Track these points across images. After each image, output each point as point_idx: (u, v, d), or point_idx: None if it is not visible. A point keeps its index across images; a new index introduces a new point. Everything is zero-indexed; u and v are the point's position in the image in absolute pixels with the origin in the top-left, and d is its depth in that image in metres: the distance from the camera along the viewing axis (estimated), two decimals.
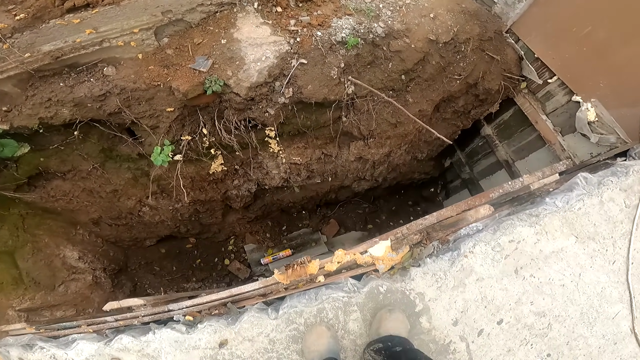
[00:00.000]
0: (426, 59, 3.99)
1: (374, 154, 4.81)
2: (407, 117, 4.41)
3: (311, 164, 4.74)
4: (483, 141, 5.83)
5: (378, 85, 3.93)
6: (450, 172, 7.08)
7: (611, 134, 3.50)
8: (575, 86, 3.89)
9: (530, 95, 4.59)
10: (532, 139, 4.84)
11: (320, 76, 3.48)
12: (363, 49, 3.60)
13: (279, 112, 3.55)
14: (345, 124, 4.20)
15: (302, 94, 3.48)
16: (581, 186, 2.82)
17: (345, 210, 6.87)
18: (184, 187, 4.19)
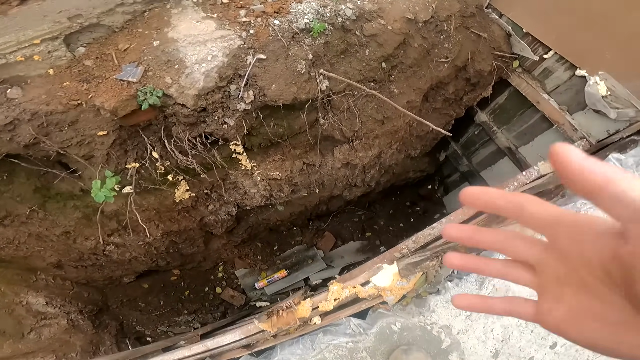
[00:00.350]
0: (407, 41, 3.32)
1: (363, 158, 4.09)
2: (395, 110, 3.72)
3: (293, 177, 4.03)
4: (479, 129, 5.18)
5: (356, 77, 3.24)
6: (446, 167, 6.41)
7: (628, 107, 3.06)
8: (576, 59, 3.36)
9: (526, 74, 4.01)
10: (535, 121, 4.22)
11: (285, 72, 2.78)
12: (332, 35, 2.92)
13: (241, 122, 2.84)
14: (324, 126, 3.49)
15: (266, 96, 2.78)
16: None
17: (339, 221, 6.22)
18: (150, 219, 3.49)
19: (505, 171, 5.02)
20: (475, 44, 3.77)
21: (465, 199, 0.48)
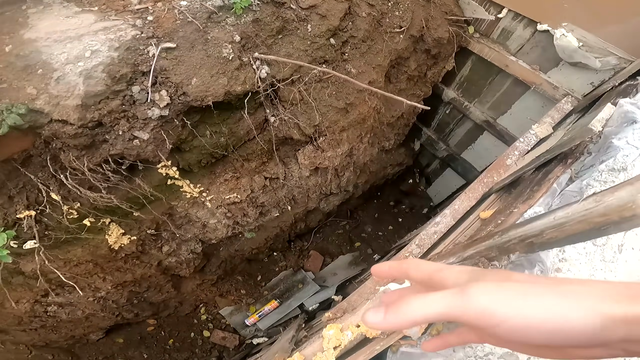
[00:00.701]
0: (353, 10, 2.67)
1: (332, 158, 3.33)
2: (358, 94, 3.03)
3: (256, 196, 3.22)
4: (449, 108, 4.60)
5: (302, 59, 2.52)
6: (423, 156, 5.77)
7: (607, 56, 2.79)
8: (533, 14, 3.02)
9: (485, 39, 3.55)
10: (509, 87, 3.75)
11: (207, 61, 2.03)
12: (262, 11, 2.22)
13: (161, 134, 2.04)
14: (276, 125, 2.74)
15: (188, 95, 2.01)
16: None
17: (323, 236, 5.42)
18: (89, 273, 2.78)
19: (487, 147, 4.49)
20: (426, 9, 3.23)
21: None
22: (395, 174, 5.39)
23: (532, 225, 1.02)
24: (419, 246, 2.17)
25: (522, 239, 1.00)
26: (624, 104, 2.01)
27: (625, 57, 2.69)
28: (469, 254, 1.26)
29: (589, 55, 2.83)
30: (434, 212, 5.83)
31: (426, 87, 4.05)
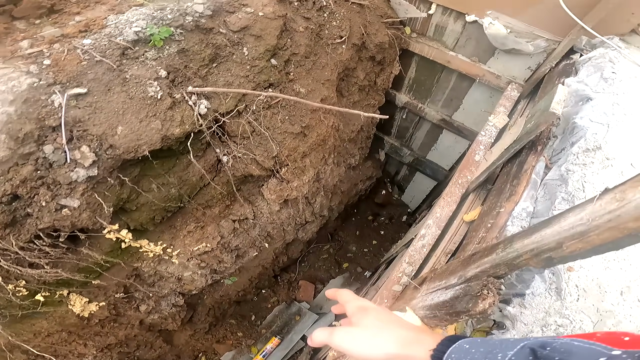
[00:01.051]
0: (289, 26, 2.49)
1: (299, 187, 3.10)
2: (313, 114, 2.82)
3: (227, 241, 2.92)
4: (405, 112, 4.53)
5: (246, 86, 2.30)
6: (390, 165, 5.67)
7: (535, 39, 2.81)
8: (458, 5, 3.03)
9: (423, 38, 3.51)
10: (455, 83, 3.74)
11: (129, 105, 1.75)
12: (188, 41, 1.98)
13: (94, 198, 1.72)
14: (231, 164, 2.46)
15: (116, 148, 1.71)
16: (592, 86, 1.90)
17: (308, 264, 5.18)
18: (66, 342, 2.45)
19: (449, 145, 4.42)
20: (362, 15, 3.09)
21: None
22: (367, 188, 5.21)
23: (542, 235, 0.82)
24: (410, 264, 1.98)
25: (535, 254, 0.81)
26: (571, 84, 2.00)
27: (552, 38, 2.70)
28: (473, 273, 1.05)
29: (520, 41, 2.83)
30: (412, 218, 5.71)
31: (379, 96, 3.90)
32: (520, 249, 0.88)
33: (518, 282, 1.18)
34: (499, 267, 0.95)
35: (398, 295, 1.83)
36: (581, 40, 2.51)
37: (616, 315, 1.16)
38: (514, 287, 1.19)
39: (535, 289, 1.20)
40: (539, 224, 0.87)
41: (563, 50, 2.63)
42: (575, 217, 0.74)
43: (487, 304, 0.93)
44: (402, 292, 1.83)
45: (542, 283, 1.21)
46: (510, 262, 0.90)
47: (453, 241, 1.99)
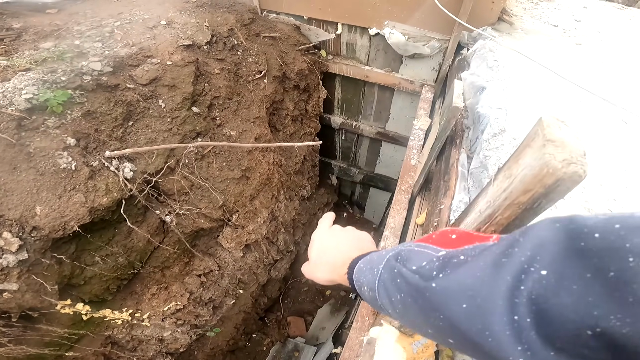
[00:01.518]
0: (203, 70, 2.46)
1: (256, 230, 3.00)
2: (250, 155, 2.76)
3: (198, 296, 2.75)
4: (342, 133, 4.62)
5: (171, 140, 2.21)
6: (344, 186, 5.70)
7: (429, 40, 2.99)
8: (359, 21, 3.15)
9: (339, 58, 3.63)
10: (379, 95, 3.87)
11: (42, 181, 1.61)
12: (92, 102, 1.87)
13: (32, 280, 1.55)
14: (176, 223, 2.33)
15: (41, 229, 1.57)
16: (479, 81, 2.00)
17: (291, 299, 5.02)
18: None
19: (391, 155, 4.53)
20: (276, 47, 3.14)
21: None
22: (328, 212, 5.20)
23: (465, 224, 0.82)
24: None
25: None
26: (467, 77, 2.12)
27: (442, 37, 2.88)
28: None
29: (418, 45, 3.00)
30: (379, 232, 5.72)
31: (313, 122, 3.93)
32: None
33: None
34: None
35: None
36: (464, 35, 2.69)
37: None
38: None
39: None
40: (462, 213, 0.86)
41: (453, 47, 2.81)
42: (484, 201, 0.73)
43: None
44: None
45: None
46: None
47: None
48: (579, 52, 2.36)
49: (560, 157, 0.51)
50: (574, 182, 0.51)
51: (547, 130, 0.54)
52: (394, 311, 0.53)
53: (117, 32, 2.20)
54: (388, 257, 0.56)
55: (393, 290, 0.51)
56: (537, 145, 0.55)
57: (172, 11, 2.54)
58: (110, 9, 2.58)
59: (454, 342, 0.43)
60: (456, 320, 0.40)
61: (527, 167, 0.57)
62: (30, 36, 2.09)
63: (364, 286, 0.60)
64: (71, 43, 2.02)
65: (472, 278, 0.39)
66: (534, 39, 2.48)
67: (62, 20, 2.32)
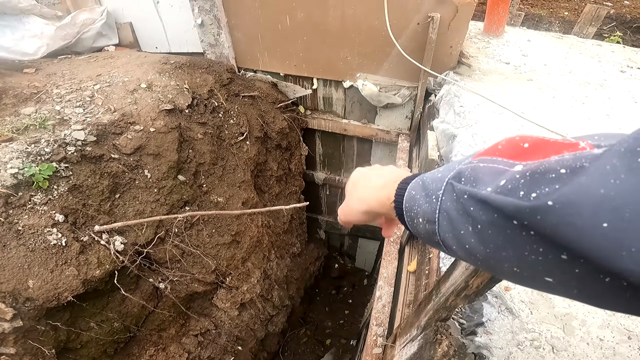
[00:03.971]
0: (187, 136, 2.55)
1: (250, 290, 3.00)
2: (239, 220, 2.81)
3: (196, 355, 2.72)
4: (327, 188, 4.71)
5: (159, 211, 2.26)
6: (333, 239, 5.74)
7: (400, 89, 3.14)
8: (333, 75, 3.32)
9: (317, 113, 3.78)
10: (358, 147, 4.01)
11: (33, 257, 1.63)
12: (78, 175, 1.92)
13: (29, 344, 1.56)
14: (170, 289, 2.32)
15: (35, 300, 1.59)
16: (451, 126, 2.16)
17: (291, 352, 4.90)
18: None
19: None
20: (255, 106, 3.28)
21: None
22: (319, 268, 5.16)
23: (454, 277, 0.88)
24: (379, 325, 1.97)
25: (456, 294, 0.87)
26: (438, 125, 2.24)
27: (410, 85, 3.03)
28: (424, 322, 1.07)
29: (389, 95, 3.14)
30: (372, 279, 5.69)
31: (297, 181, 4.02)
32: (445, 292, 0.93)
33: (472, 312, 1.22)
34: (440, 311, 0.98)
35: (380, 356, 1.77)
36: (430, 81, 2.84)
37: (576, 315, 1.23)
38: (471, 319, 1.22)
39: (489, 315, 1.24)
40: (450, 266, 0.94)
41: (422, 94, 2.95)
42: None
43: (445, 347, 0.94)
44: (384, 353, 1.78)
45: (491, 308, 1.25)
46: (445, 306, 0.94)
47: (408, 292, 2.02)
48: (531, 88, 2.55)
49: None
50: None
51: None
52: (460, 248, 0.44)
53: (98, 96, 2.26)
54: (447, 179, 0.47)
55: (462, 221, 0.43)
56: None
57: (151, 73, 2.62)
58: (88, 70, 2.63)
59: (577, 283, 0.34)
60: (591, 247, 0.31)
61: None
62: (10, 99, 2.12)
63: (418, 217, 0.51)
64: (52, 108, 2.07)
65: (606, 188, 0.31)
66: (491, 80, 2.65)
67: (41, 81, 2.36)
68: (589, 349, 1.14)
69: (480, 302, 1.27)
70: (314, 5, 2.89)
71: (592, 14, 4.41)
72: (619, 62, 3.18)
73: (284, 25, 3.09)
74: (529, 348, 1.15)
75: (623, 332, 1.19)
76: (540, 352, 1.13)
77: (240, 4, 3.06)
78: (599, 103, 2.47)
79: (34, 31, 2.86)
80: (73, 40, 3.02)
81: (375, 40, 2.90)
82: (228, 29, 3.23)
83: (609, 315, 1.23)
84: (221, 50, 3.29)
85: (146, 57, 2.90)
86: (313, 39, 3.10)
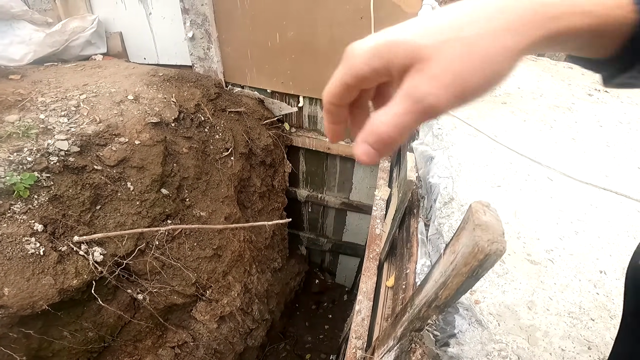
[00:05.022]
0: (172, 149, 2.56)
1: (230, 303, 2.99)
2: (221, 234, 2.82)
3: None
4: (309, 205, 4.76)
5: (140, 224, 2.25)
6: (314, 255, 5.77)
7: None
8: (318, 93, 3.42)
9: (302, 130, 3.85)
10: (341, 166, 4.09)
11: (10, 266, 1.62)
12: (59, 185, 1.91)
13: (1, 351, 1.50)
14: (148, 300, 2.30)
15: (9, 307, 1.57)
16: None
17: None
18: None
19: (356, 223, 4.71)
20: (241, 122, 3.32)
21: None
22: (300, 283, 5.16)
23: (426, 290, 0.94)
24: (358, 338, 2.00)
25: (428, 305, 0.94)
26: (417, 147, 2.29)
27: None
28: (400, 332, 1.13)
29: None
30: (352, 294, 5.72)
31: (280, 197, 4.05)
32: (419, 304, 0.99)
33: (445, 324, 1.28)
34: (414, 322, 1.04)
35: None
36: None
37: (539, 327, 1.30)
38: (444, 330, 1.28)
39: (460, 327, 1.30)
40: (422, 280, 1.01)
41: None
42: (438, 271, 0.88)
43: (419, 355, 0.99)
44: None
45: (462, 320, 1.31)
46: (419, 316, 1.00)
47: (386, 306, 2.07)
48: (505, 111, 2.66)
49: (486, 237, 0.67)
50: (498, 256, 0.67)
51: (475, 216, 0.71)
52: None
53: (83, 106, 2.25)
54: None
55: None
56: (469, 228, 0.72)
57: (139, 85, 2.63)
58: (75, 79, 2.62)
59: None
60: None
61: (464, 246, 0.73)
62: None
63: None
64: (36, 117, 2.05)
65: None
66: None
67: (26, 89, 2.35)
68: (552, 359, 1.21)
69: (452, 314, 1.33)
70: (304, 25, 2.99)
71: None
72: (587, 85, 3.35)
73: (274, 43, 3.17)
74: (497, 358, 1.20)
75: (583, 343, 1.26)
76: None
77: (232, 19, 3.14)
78: (566, 127, 2.61)
79: (23, 37, 2.84)
80: (61, 48, 3.02)
81: None
82: (218, 44, 3.29)
83: (569, 327, 1.31)
84: (210, 65, 3.35)
85: (134, 68, 2.91)
86: (302, 57, 3.19)
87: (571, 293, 1.38)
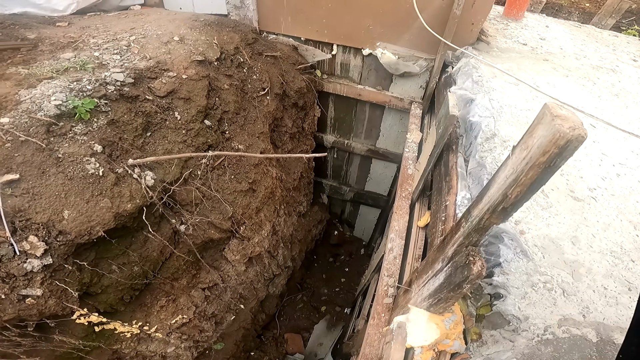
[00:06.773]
0: (215, 85, 2.62)
1: (260, 242, 3.13)
2: (256, 169, 2.91)
3: (203, 309, 2.84)
4: (335, 151, 4.79)
5: (186, 151, 2.34)
6: (334, 205, 5.86)
7: (418, 60, 3.25)
8: (354, 42, 3.41)
9: (333, 77, 3.86)
10: (370, 113, 4.09)
11: (71, 186, 1.70)
12: (115, 111, 1.99)
13: (54, 285, 1.63)
14: (190, 232, 2.43)
15: (68, 234, 1.65)
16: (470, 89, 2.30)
17: (287, 316, 5.08)
18: None
19: (381, 172, 4.73)
20: (277, 66, 3.35)
21: None
22: (320, 232, 5.32)
23: (489, 196, 0.99)
24: (390, 276, 2.06)
25: (492, 211, 0.98)
26: (456, 91, 2.34)
27: (428, 57, 3.15)
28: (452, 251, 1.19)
29: (408, 64, 3.25)
30: (370, 248, 5.89)
31: (309, 140, 4.10)
32: (479, 214, 1.04)
33: (489, 255, 1.34)
34: (471, 235, 1.09)
35: (391, 306, 1.91)
36: (448, 54, 2.95)
37: (583, 263, 1.35)
38: (488, 260, 1.34)
39: (505, 256, 1.36)
40: (482, 190, 1.05)
41: (439, 65, 3.06)
42: (505, 172, 0.92)
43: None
44: (394, 302, 1.91)
45: (507, 249, 1.36)
46: (477, 228, 1.05)
47: (418, 247, 2.15)
48: (546, 67, 2.64)
49: (567, 125, 0.71)
50: (580, 142, 0.71)
51: (553, 110, 0.74)
52: None
53: (134, 45, 2.35)
54: None
55: None
56: (547, 120, 0.75)
57: (183, 28, 2.71)
58: (121, 24, 2.72)
59: None
60: None
61: (542, 137, 0.77)
62: (47, 47, 2.21)
63: None
64: (90, 54, 2.15)
65: None
66: (508, 57, 2.76)
67: (76, 32, 2.45)
68: (595, 297, 1.25)
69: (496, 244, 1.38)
70: None
71: (613, 6, 4.45)
72: (632, 52, 3.25)
73: None
74: (542, 290, 1.26)
75: (624, 284, 1.30)
76: (552, 294, 1.24)
77: None
78: (609, 85, 2.55)
79: None
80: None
81: (399, 12, 2.97)
82: None
83: (612, 266, 1.36)
84: (245, 13, 3.32)
85: (176, 15, 2.99)
86: (337, 6, 3.17)
87: (613, 232, 1.43)
